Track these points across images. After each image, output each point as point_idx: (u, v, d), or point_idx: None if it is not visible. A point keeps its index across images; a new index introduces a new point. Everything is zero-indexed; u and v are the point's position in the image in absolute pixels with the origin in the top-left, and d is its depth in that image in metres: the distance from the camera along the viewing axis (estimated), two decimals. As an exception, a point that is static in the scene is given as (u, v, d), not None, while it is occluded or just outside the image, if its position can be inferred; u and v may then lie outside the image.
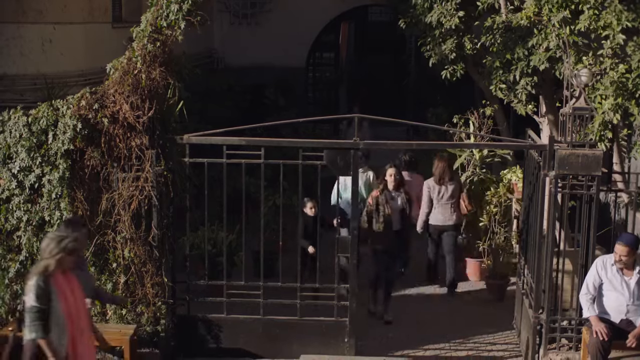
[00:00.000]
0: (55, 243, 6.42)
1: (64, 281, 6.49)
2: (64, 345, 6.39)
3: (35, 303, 6.31)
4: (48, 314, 6.32)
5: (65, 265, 6.47)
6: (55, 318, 6.35)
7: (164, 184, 8.24)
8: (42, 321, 6.32)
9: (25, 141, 8.09)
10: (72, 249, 6.48)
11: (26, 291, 6.41)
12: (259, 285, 8.64)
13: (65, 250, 6.41)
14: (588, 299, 7.86)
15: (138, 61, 8.05)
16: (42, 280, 6.33)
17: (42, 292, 6.31)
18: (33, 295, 6.31)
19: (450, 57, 10.97)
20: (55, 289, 6.37)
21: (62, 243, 6.42)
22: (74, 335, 6.47)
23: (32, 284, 6.35)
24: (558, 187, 8.15)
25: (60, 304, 6.38)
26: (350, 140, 8.43)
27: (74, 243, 6.52)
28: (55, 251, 6.39)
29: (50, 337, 6.34)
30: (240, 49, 17.82)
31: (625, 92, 7.83)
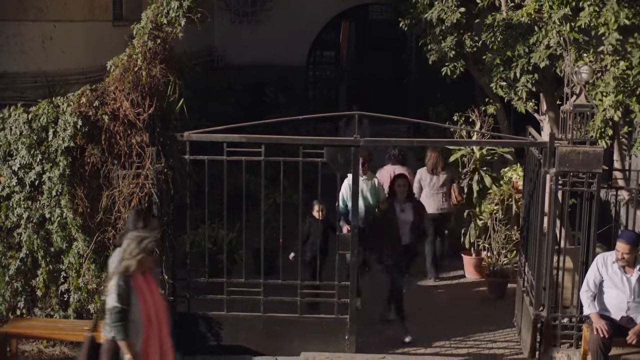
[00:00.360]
0: (135, 243, 6.34)
1: (143, 282, 6.45)
2: (139, 346, 6.35)
3: (117, 303, 6.25)
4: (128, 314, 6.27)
5: (145, 266, 6.42)
6: (133, 319, 6.30)
7: (164, 181, 8.24)
8: (123, 322, 6.27)
9: (25, 138, 8.10)
10: (152, 249, 6.43)
11: (107, 292, 6.33)
12: (260, 283, 8.63)
13: (145, 251, 6.35)
14: (588, 296, 7.85)
15: (138, 58, 8.06)
16: (123, 281, 6.27)
17: (123, 293, 6.25)
18: (115, 296, 6.25)
19: (450, 54, 10.95)
20: (135, 289, 6.32)
21: (143, 243, 6.35)
22: (149, 336, 6.42)
23: (113, 284, 6.29)
24: (559, 184, 8.14)
25: (139, 304, 6.33)
26: (350, 138, 8.42)
27: (154, 243, 6.47)
28: (136, 252, 6.32)
29: (131, 339, 6.30)
30: (241, 47, 17.83)
31: (626, 89, 7.82)
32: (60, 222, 8.13)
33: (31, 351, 8.42)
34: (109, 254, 8.19)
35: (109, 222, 8.19)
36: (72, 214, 8.09)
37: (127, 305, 6.28)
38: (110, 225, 8.19)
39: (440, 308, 10.21)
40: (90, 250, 8.15)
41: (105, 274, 8.14)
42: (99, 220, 8.17)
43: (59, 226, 8.14)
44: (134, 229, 6.93)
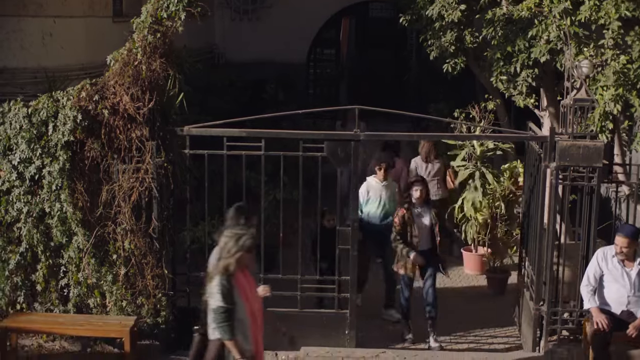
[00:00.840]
0: (233, 241, 6.24)
1: (243, 279, 6.37)
2: (249, 345, 6.28)
3: (221, 303, 6.16)
4: (233, 314, 6.19)
5: (244, 264, 6.33)
6: (239, 318, 6.23)
7: (164, 176, 8.24)
8: (229, 322, 6.17)
9: (25, 132, 8.09)
10: (250, 246, 6.33)
11: (210, 292, 6.23)
12: (259, 278, 8.61)
13: (244, 248, 6.25)
14: (589, 290, 7.85)
15: (138, 52, 8.05)
16: (225, 280, 6.17)
17: (227, 292, 6.16)
18: (219, 296, 6.16)
19: (451, 49, 10.94)
20: (237, 288, 6.24)
21: (241, 241, 6.25)
22: (256, 334, 6.38)
23: (216, 284, 6.19)
24: (559, 178, 8.14)
25: (242, 303, 6.26)
26: (350, 132, 8.41)
27: (252, 240, 6.36)
28: (234, 250, 6.22)
29: (238, 338, 6.22)
30: (241, 44, 17.81)
31: (626, 83, 7.81)
32: (60, 216, 8.13)
33: (31, 346, 8.41)
34: (109, 249, 8.22)
35: (108, 217, 8.18)
36: (72, 208, 8.09)
37: (232, 305, 6.17)
38: (110, 219, 8.18)
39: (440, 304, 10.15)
40: (90, 245, 8.15)
41: (105, 268, 8.19)
42: (98, 215, 8.17)
43: (59, 220, 8.13)
44: (235, 226, 6.79)
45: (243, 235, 6.31)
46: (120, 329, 7.95)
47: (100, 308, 8.32)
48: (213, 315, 6.22)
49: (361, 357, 8.33)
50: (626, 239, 7.57)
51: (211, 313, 6.24)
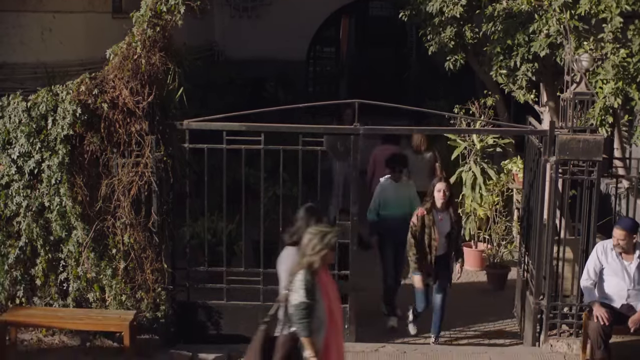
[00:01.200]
0: (318, 239, 6.15)
1: (325, 277, 6.30)
2: (319, 343, 6.18)
3: (304, 299, 6.05)
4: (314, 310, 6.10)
5: (328, 262, 6.27)
6: (318, 316, 6.13)
7: (163, 170, 8.21)
8: (309, 318, 6.06)
9: (24, 126, 8.08)
10: (334, 245, 6.27)
11: (293, 287, 6.13)
12: (259, 272, 8.62)
13: (328, 246, 6.17)
14: (589, 284, 7.85)
15: (138, 46, 8.03)
16: (309, 275, 6.09)
17: (311, 287, 6.06)
18: (303, 291, 6.05)
19: (450, 44, 10.93)
20: (318, 284, 6.16)
21: (326, 239, 6.15)
22: (330, 334, 6.27)
23: (300, 279, 6.09)
24: (559, 173, 8.13)
25: (323, 301, 6.18)
26: (350, 126, 8.41)
27: (336, 238, 6.30)
28: (319, 247, 6.12)
29: (315, 337, 6.13)
30: (241, 42, 17.82)
31: (626, 77, 7.80)
32: (59, 210, 8.11)
33: (30, 340, 8.40)
34: (109, 243, 8.20)
35: (108, 211, 8.16)
36: (71, 202, 8.07)
37: (314, 301, 6.08)
38: (110, 213, 8.16)
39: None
40: (89, 239, 8.12)
41: (104, 262, 8.17)
42: (98, 209, 8.14)
43: (58, 215, 8.11)
44: (309, 227, 6.65)
45: (328, 233, 6.23)
46: (120, 323, 7.93)
47: (99, 302, 8.30)
48: (294, 310, 6.10)
49: (361, 351, 8.33)
50: (623, 231, 7.58)
51: (291, 308, 6.12)
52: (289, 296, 6.17)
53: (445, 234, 8.67)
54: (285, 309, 6.24)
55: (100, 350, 8.31)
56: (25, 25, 10.59)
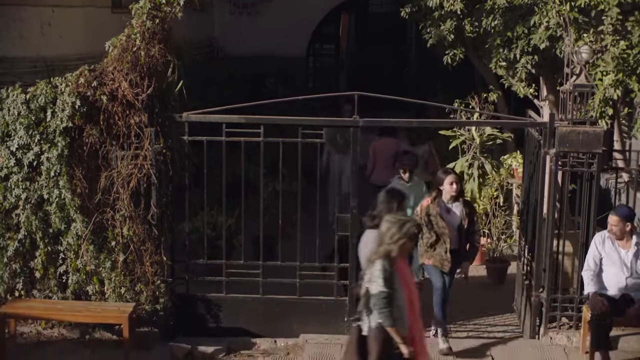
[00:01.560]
0: (397, 228, 6.09)
1: (403, 266, 6.25)
2: (405, 332, 6.14)
3: (383, 288, 6.00)
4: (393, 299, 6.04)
5: (406, 251, 6.22)
6: (398, 304, 6.09)
7: (163, 162, 8.21)
8: (390, 307, 6.00)
9: (23, 119, 8.07)
10: (413, 233, 6.20)
11: (371, 277, 6.07)
12: (259, 265, 8.61)
13: (407, 235, 6.11)
14: (589, 275, 7.87)
15: (137, 38, 8.02)
16: (388, 264, 6.04)
17: (389, 276, 6.01)
18: (381, 280, 6.00)
19: (449, 37, 10.91)
20: (397, 274, 6.11)
21: (405, 228, 6.09)
22: (412, 323, 6.25)
23: (378, 268, 6.03)
24: (558, 165, 8.12)
25: (402, 290, 6.13)
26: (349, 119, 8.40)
27: (415, 227, 6.24)
28: (397, 236, 6.07)
29: (399, 325, 6.08)
30: (241, 38, 17.84)
31: (626, 68, 7.80)
32: (58, 202, 8.10)
33: (29, 333, 8.39)
34: (108, 235, 8.19)
35: (107, 203, 8.15)
36: (70, 194, 8.06)
37: (393, 290, 6.04)
38: (109, 206, 8.15)
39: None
40: (88, 231, 8.12)
41: (103, 255, 8.16)
42: (97, 201, 8.13)
43: (58, 207, 8.10)
44: (389, 212, 6.67)
45: (407, 222, 6.17)
46: (119, 315, 7.92)
47: (98, 295, 8.30)
48: (374, 300, 6.05)
49: (360, 343, 8.31)
50: (616, 217, 7.67)
51: (372, 299, 6.07)
52: (368, 286, 6.10)
53: (456, 227, 8.35)
54: (365, 301, 6.17)
55: (100, 342, 8.30)
56: (25, 19, 10.58)
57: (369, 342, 6.16)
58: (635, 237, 7.70)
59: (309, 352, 8.17)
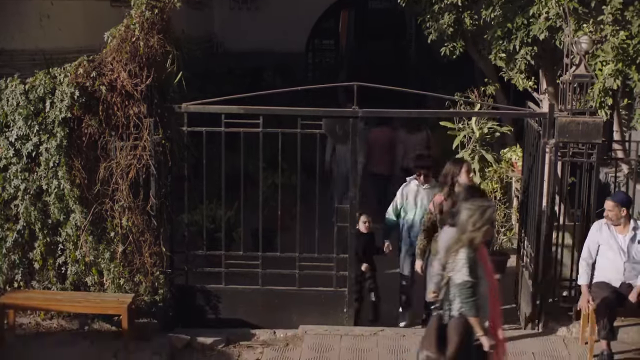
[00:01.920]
0: (479, 215, 6.01)
1: (484, 254, 6.18)
2: (486, 321, 6.09)
3: (468, 277, 5.92)
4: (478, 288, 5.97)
5: (487, 237, 6.16)
6: (481, 293, 6.02)
7: (162, 153, 8.19)
8: (475, 297, 5.94)
9: (22, 109, 8.05)
10: (494, 220, 6.14)
11: (456, 266, 5.99)
12: (258, 256, 8.60)
13: (489, 222, 6.05)
14: (585, 264, 7.86)
15: (136, 28, 8.01)
16: (472, 253, 5.97)
17: (474, 265, 5.94)
18: (467, 270, 5.93)
19: (449, 31, 10.90)
20: (480, 262, 6.04)
21: (487, 214, 6.03)
22: (493, 314, 6.21)
23: (462, 257, 5.96)
24: (558, 155, 8.11)
25: (485, 278, 6.07)
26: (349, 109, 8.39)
27: (495, 213, 6.15)
28: (480, 223, 6.00)
29: (482, 315, 6.01)
30: (240, 33, 17.84)
31: (626, 58, 7.79)
32: (57, 193, 8.08)
33: (29, 324, 8.37)
34: (107, 226, 8.18)
35: (106, 194, 8.13)
36: (69, 185, 8.05)
37: (477, 279, 5.97)
38: (108, 196, 8.13)
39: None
40: (87, 222, 8.10)
41: (102, 245, 8.15)
42: (96, 192, 8.11)
43: (56, 198, 8.09)
44: (468, 200, 6.60)
45: (488, 207, 6.11)
46: (118, 305, 7.91)
47: (97, 286, 8.28)
48: (459, 290, 5.97)
49: (360, 334, 8.31)
50: (611, 202, 7.70)
51: (456, 288, 6.00)
52: (450, 276, 6.03)
53: None
54: (447, 290, 6.10)
55: (99, 334, 8.28)
56: (24, 11, 10.56)
57: (449, 332, 6.08)
58: (633, 222, 7.72)
59: (308, 342, 8.16)
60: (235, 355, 8.04)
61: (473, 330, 6.04)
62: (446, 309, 6.13)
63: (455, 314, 6.07)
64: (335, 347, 8.08)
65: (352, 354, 7.95)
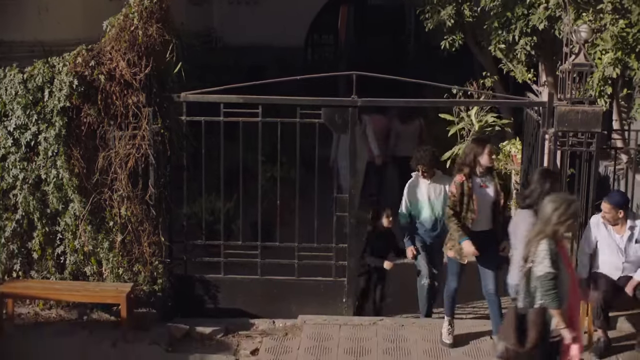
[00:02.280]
0: (564, 208, 5.96)
1: (564, 247, 6.17)
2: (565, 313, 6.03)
3: (551, 269, 5.87)
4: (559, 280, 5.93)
5: (571, 231, 6.16)
6: (562, 285, 5.97)
7: (161, 143, 8.19)
8: (556, 289, 5.89)
9: (21, 98, 8.05)
10: (577, 214, 6.12)
11: (538, 258, 5.94)
12: (257, 245, 8.59)
13: (574, 216, 6.02)
14: (583, 258, 7.84)
15: (135, 17, 8.00)
16: (554, 245, 5.93)
17: (556, 258, 5.90)
18: (549, 261, 5.88)
19: (449, 23, 10.89)
20: (560, 254, 6.01)
21: (572, 208, 5.98)
22: (572, 305, 6.15)
23: (544, 248, 5.92)
24: (557, 145, 8.10)
25: (566, 271, 6.03)
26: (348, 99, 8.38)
27: (579, 207, 6.13)
28: (565, 217, 5.95)
29: (564, 307, 5.97)
30: (239, 28, 17.82)
31: (625, 47, 7.78)
32: (56, 183, 8.08)
33: (27, 314, 8.38)
34: (106, 216, 8.17)
35: (105, 183, 8.13)
36: (68, 174, 8.04)
37: (558, 270, 5.93)
38: (107, 186, 8.13)
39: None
40: (86, 212, 8.10)
41: (101, 235, 8.14)
42: (95, 182, 8.11)
43: (55, 187, 8.08)
44: (542, 191, 6.58)
45: (573, 201, 6.09)
46: (117, 294, 7.91)
47: (96, 276, 8.28)
48: (540, 282, 5.93)
49: (359, 324, 8.31)
50: (608, 205, 7.60)
51: (537, 280, 5.95)
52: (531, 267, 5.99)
53: (491, 203, 7.58)
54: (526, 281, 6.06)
55: (98, 323, 8.28)
56: (23, 3, 10.56)
57: (528, 323, 6.04)
58: (630, 221, 7.65)
59: (307, 332, 8.15)
60: (234, 345, 8.03)
61: (551, 323, 6.01)
62: (526, 300, 6.09)
63: (535, 306, 6.02)
64: (335, 336, 8.07)
65: (352, 343, 7.94)
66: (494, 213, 7.64)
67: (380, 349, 7.85)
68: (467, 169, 7.54)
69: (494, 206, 7.63)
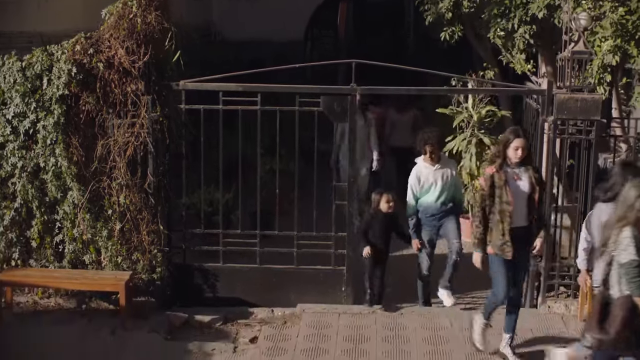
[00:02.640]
0: None
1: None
2: None
3: (635, 256, 5.76)
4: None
5: None
6: None
7: (159, 131, 8.18)
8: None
9: (19, 86, 8.04)
10: None
11: (621, 245, 5.84)
12: (256, 234, 8.58)
13: None
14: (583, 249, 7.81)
15: (133, 5, 7.99)
16: (637, 231, 5.81)
17: (639, 244, 5.79)
18: (633, 248, 5.77)
19: (448, 15, 10.87)
20: None
21: None
22: None
23: (628, 235, 5.82)
24: (556, 133, 8.09)
25: None
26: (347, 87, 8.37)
27: None
28: None
29: None
30: (238, 23, 17.82)
31: (625, 34, 7.77)
32: (54, 171, 8.07)
33: (26, 302, 8.38)
34: (104, 204, 8.16)
35: (104, 172, 8.12)
36: (66, 162, 8.03)
37: None
38: (105, 174, 8.11)
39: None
40: (85, 200, 8.09)
41: (100, 223, 8.12)
42: (93, 170, 8.10)
43: (54, 175, 8.07)
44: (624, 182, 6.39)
45: None
46: (116, 282, 7.90)
47: (95, 264, 8.27)
48: (625, 269, 5.82)
49: (358, 312, 8.30)
50: None
51: (622, 268, 5.84)
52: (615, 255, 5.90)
53: (526, 197, 7.03)
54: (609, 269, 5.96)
55: (96, 312, 8.28)
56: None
57: (613, 312, 5.94)
58: None
59: (306, 321, 8.14)
60: (233, 333, 8.02)
61: (638, 311, 5.90)
62: (610, 289, 6.00)
63: (621, 294, 5.92)
64: (334, 324, 8.06)
65: (350, 331, 7.93)
66: (528, 208, 7.10)
67: (379, 337, 7.84)
68: (499, 160, 7.05)
69: (528, 201, 7.07)
